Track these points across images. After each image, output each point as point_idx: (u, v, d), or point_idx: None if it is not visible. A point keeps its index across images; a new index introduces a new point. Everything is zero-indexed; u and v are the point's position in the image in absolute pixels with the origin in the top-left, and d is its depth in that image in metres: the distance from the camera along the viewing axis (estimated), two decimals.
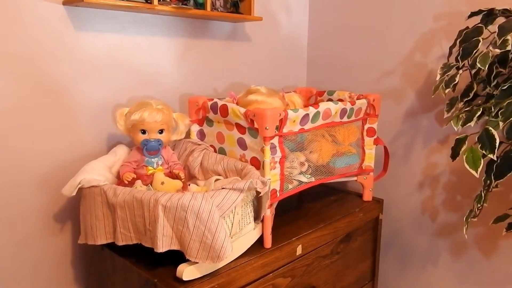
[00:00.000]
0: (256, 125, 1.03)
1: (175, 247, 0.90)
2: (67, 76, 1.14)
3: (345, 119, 1.24)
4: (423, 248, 1.52)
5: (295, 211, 1.31)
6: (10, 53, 1.03)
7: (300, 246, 1.13)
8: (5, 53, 1.02)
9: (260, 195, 1.00)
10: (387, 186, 1.55)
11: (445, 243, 1.46)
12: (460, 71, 1.08)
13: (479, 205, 1.11)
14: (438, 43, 1.39)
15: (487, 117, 1.00)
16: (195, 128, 1.23)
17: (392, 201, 1.56)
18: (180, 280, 0.90)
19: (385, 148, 1.39)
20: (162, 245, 0.89)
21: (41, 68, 1.09)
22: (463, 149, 0.96)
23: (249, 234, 1.04)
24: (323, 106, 1.14)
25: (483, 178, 1.06)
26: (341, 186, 1.54)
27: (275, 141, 1.05)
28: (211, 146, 1.20)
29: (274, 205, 1.11)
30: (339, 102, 1.20)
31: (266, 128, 1.01)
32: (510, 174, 0.99)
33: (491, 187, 1.06)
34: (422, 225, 1.51)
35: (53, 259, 1.19)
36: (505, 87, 0.94)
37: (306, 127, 1.12)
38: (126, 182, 1.05)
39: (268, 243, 1.08)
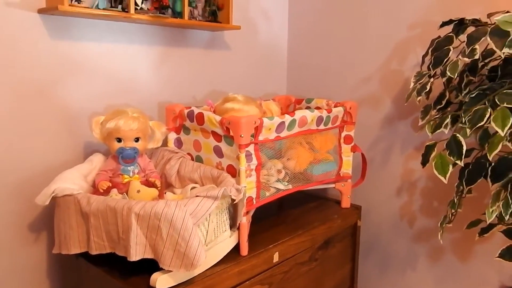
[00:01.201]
0: (231, 133, 1.04)
1: (149, 255, 0.90)
2: (42, 84, 1.13)
3: (321, 126, 1.25)
4: (402, 253, 1.54)
5: (273, 218, 1.31)
6: None
7: (277, 253, 1.13)
8: None
9: (235, 202, 1.00)
10: (365, 192, 1.57)
11: (423, 248, 1.48)
12: (432, 79, 1.11)
13: (453, 211, 1.13)
14: (413, 51, 1.41)
15: (458, 124, 1.02)
16: (172, 136, 1.23)
17: (370, 206, 1.57)
18: None
19: (362, 155, 1.41)
20: (136, 254, 0.88)
21: (16, 75, 1.08)
22: (432, 155, 0.98)
23: (225, 241, 1.04)
24: (299, 114, 1.15)
25: (456, 184, 1.08)
26: (320, 193, 1.55)
27: (251, 148, 1.06)
28: (188, 154, 1.21)
29: (251, 213, 1.11)
30: (315, 110, 1.21)
31: (241, 136, 1.01)
32: (480, 179, 1.01)
33: (464, 192, 1.09)
34: (400, 230, 1.53)
35: (27, 269, 1.17)
36: (474, 95, 0.97)
37: (282, 134, 1.13)
38: (102, 191, 1.05)
39: (244, 250, 1.08)
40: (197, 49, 1.48)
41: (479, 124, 0.89)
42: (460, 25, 1.15)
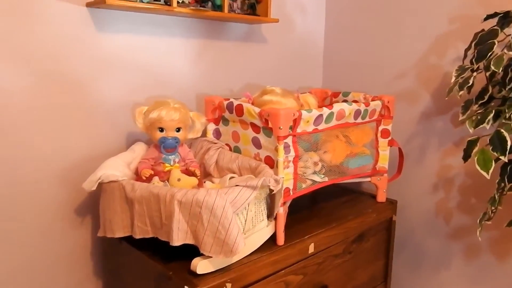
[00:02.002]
0: (270, 125, 1.06)
1: (190, 241, 0.93)
2: (87, 75, 1.18)
3: (359, 120, 1.25)
4: (436, 251, 1.52)
5: (307, 211, 1.33)
6: (32, 52, 1.08)
7: (312, 244, 1.15)
8: (28, 51, 1.07)
9: (273, 193, 1.02)
10: (401, 187, 1.55)
11: (458, 246, 1.46)
12: (475, 74, 1.09)
13: (493, 208, 1.11)
14: (453, 46, 1.39)
15: (502, 120, 1.01)
16: (211, 127, 1.26)
17: (405, 202, 1.56)
18: (194, 274, 0.93)
19: (399, 149, 1.40)
20: (178, 239, 0.92)
21: (63, 67, 1.13)
22: (474, 151, 0.96)
23: (262, 231, 1.07)
24: (337, 106, 1.15)
25: (497, 180, 1.06)
26: (354, 186, 1.55)
27: (289, 140, 1.07)
28: (227, 144, 1.23)
29: (287, 204, 1.13)
30: (353, 103, 1.21)
31: (280, 128, 1.03)
32: None
33: (505, 189, 1.07)
34: (435, 227, 1.51)
35: (73, 252, 1.23)
36: None
37: (320, 127, 1.14)
38: (144, 178, 1.09)
39: (280, 240, 1.10)
40: (235, 42, 1.51)
41: None
42: (505, 18, 1.12)
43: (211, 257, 0.94)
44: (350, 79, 1.73)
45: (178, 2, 1.20)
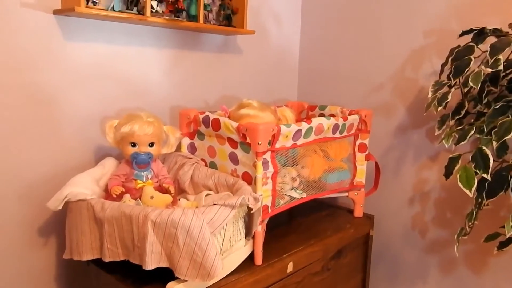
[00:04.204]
0: (248, 140, 1.02)
1: (164, 264, 0.88)
2: (54, 86, 1.11)
3: (337, 134, 1.23)
4: (413, 264, 1.52)
5: (285, 226, 1.29)
6: None
7: (291, 263, 1.11)
8: None
9: (252, 211, 0.98)
10: (377, 201, 1.54)
11: (434, 259, 1.46)
12: (452, 89, 1.09)
13: (470, 223, 1.10)
14: (428, 60, 1.40)
15: (478, 135, 1.01)
16: (185, 141, 1.21)
17: (381, 216, 1.55)
18: None
19: (376, 164, 1.39)
20: (151, 262, 0.86)
21: (28, 77, 1.06)
22: (456, 168, 0.96)
23: (240, 250, 1.02)
24: (316, 121, 1.13)
25: (475, 196, 1.06)
26: (331, 201, 1.53)
27: (268, 156, 1.04)
28: (202, 160, 1.19)
29: (265, 221, 1.09)
30: (332, 118, 1.19)
31: (258, 143, 0.99)
32: (501, 193, 0.99)
33: (482, 205, 1.07)
34: (412, 240, 1.50)
35: (35, 273, 1.15)
36: (497, 106, 0.95)
37: (299, 142, 1.12)
38: (115, 196, 1.03)
39: (259, 260, 1.06)
40: (210, 53, 1.47)
41: (507, 137, 0.87)
42: (480, 34, 1.13)
43: (186, 280, 0.89)
44: (325, 92, 1.72)
45: (151, 12, 1.15)
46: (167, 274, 0.89)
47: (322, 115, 1.42)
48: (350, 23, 1.60)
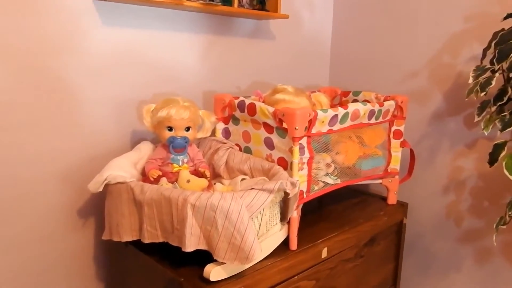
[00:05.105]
0: (285, 125, 1.01)
1: (203, 247, 0.89)
2: (90, 70, 1.13)
3: (372, 120, 1.21)
4: (446, 253, 1.49)
5: (317, 213, 1.29)
6: (36, 47, 1.02)
7: (325, 249, 1.11)
8: (28, 48, 1.01)
9: (289, 196, 0.98)
10: (411, 189, 1.52)
11: (469, 249, 1.43)
12: (496, 74, 1.05)
13: (510, 213, 1.08)
14: (468, 45, 1.35)
15: None
16: (220, 126, 1.21)
17: (415, 204, 1.52)
18: (207, 280, 0.89)
19: (411, 150, 1.36)
20: (190, 245, 0.87)
21: (64, 61, 1.08)
22: (502, 155, 0.93)
23: (275, 235, 1.03)
24: (352, 106, 1.12)
25: None
26: (363, 188, 1.52)
27: (304, 141, 1.03)
28: (236, 144, 1.19)
29: (300, 207, 1.09)
30: (368, 103, 1.17)
31: (295, 128, 0.99)
32: None
33: None
34: (445, 230, 1.48)
35: (75, 255, 1.18)
36: None
37: (335, 128, 1.10)
38: (152, 179, 1.04)
39: (294, 245, 1.06)
40: (242, 38, 1.46)
41: None
42: None
43: (223, 263, 0.90)
44: (357, 78, 1.69)
45: None
46: (205, 257, 0.90)
47: (355, 101, 1.40)
48: (385, 7, 1.56)
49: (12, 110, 1.01)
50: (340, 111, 1.09)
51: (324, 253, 1.11)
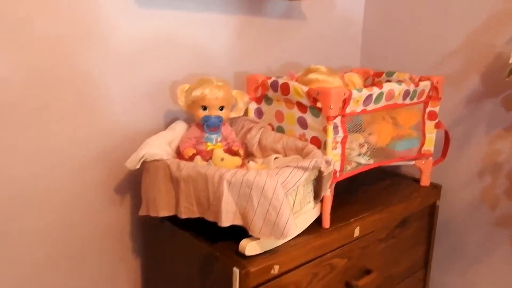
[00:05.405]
0: (319, 104, 1.01)
1: (238, 222, 0.90)
2: (125, 52, 1.14)
3: (407, 101, 1.20)
4: (480, 238, 1.47)
5: (349, 194, 1.29)
6: (70, 28, 1.05)
7: (358, 228, 1.11)
8: (63, 34, 1.04)
9: (323, 174, 0.99)
10: (444, 171, 1.49)
11: (504, 235, 1.40)
12: None
13: None
14: (508, 24, 1.31)
15: None
16: (252, 106, 1.22)
17: (449, 187, 1.50)
18: (242, 255, 0.91)
19: (446, 132, 1.34)
20: (226, 220, 0.89)
21: (99, 43, 1.10)
22: None
23: (309, 213, 1.04)
24: (387, 86, 1.10)
25: None
26: (394, 170, 1.50)
27: (338, 121, 1.03)
28: (269, 124, 1.20)
29: (333, 186, 1.09)
30: (403, 83, 1.16)
31: (330, 107, 0.99)
32: None
33: None
34: (480, 214, 1.45)
35: (112, 230, 1.22)
36: None
37: (369, 108, 1.10)
38: (187, 158, 1.06)
39: (326, 223, 1.07)
40: (273, 19, 1.45)
41: None
42: None
43: (258, 238, 0.92)
44: (389, 59, 1.66)
45: None
46: (239, 233, 0.92)
47: (389, 82, 1.38)
48: None
49: (55, 89, 1.05)
50: (375, 90, 1.08)
51: (357, 232, 1.12)
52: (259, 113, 1.23)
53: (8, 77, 0.97)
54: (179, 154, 1.11)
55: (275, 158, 1.10)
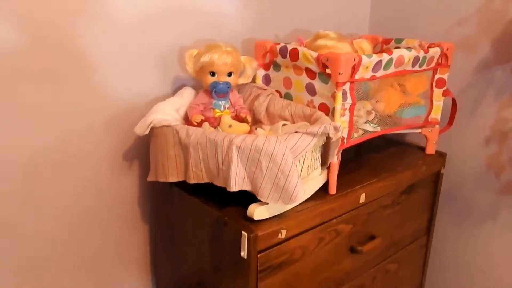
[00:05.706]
0: (328, 70, 1.01)
1: (247, 187, 0.92)
2: (133, 18, 1.12)
3: (416, 67, 1.18)
4: (484, 205, 1.49)
5: (355, 161, 1.29)
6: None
7: (363, 194, 1.13)
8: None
9: (332, 141, 0.99)
10: (451, 139, 1.49)
11: (508, 201, 1.42)
12: None
13: None
14: None
15: None
16: (260, 72, 1.21)
17: (455, 155, 1.50)
18: (250, 219, 0.93)
19: (453, 100, 1.33)
20: (235, 185, 0.90)
21: (107, 10, 1.08)
22: None
23: (316, 179, 1.05)
24: (397, 52, 1.09)
25: None
26: (400, 138, 1.51)
27: (346, 87, 1.02)
28: (277, 91, 1.19)
29: (340, 153, 1.10)
30: (412, 50, 1.14)
31: (339, 73, 0.98)
32: None
33: None
34: (485, 181, 1.46)
35: (121, 198, 1.24)
36: None
37: (378, 74, 1.09)
38: (195, 124, 1.06)
39: (333, 189, 1.08)
40: None
41: None
42: None
43: (266, 204, 0.93)
44: (398, 26, 1.63)
45: None
46: (248, 199, 0.94)
47: (397, 49, 1.36)
48: None
49: (64, 56, 1.04)
50: (385, 57, 1.06)
51: (362, 199, 1.13)
52: (267, 80, 1.22)
53: (14, 39, 0.97)
54: (187, 120, 1.11)
55: (283, 125, 1.10)
